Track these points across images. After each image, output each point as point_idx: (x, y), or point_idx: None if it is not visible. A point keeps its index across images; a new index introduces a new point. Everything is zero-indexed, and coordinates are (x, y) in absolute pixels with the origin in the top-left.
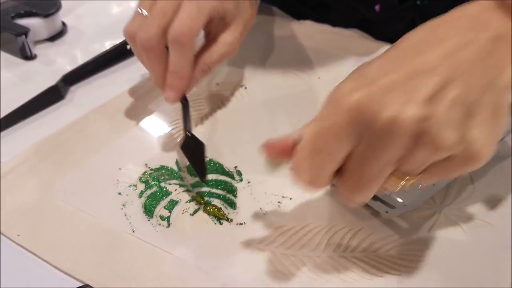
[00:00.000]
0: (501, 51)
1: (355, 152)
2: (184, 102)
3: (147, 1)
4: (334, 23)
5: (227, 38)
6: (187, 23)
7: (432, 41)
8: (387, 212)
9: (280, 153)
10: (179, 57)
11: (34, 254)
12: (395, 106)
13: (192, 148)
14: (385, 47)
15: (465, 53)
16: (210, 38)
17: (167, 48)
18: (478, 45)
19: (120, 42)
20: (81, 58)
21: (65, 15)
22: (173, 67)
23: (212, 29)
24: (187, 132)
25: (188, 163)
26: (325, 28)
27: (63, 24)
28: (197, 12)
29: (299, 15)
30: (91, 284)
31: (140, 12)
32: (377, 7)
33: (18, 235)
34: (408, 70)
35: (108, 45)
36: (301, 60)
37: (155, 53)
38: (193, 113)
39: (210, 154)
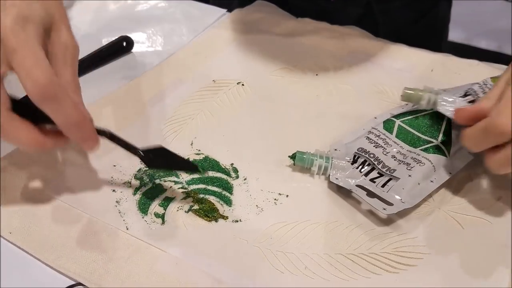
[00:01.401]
0: None
1: None
2: (107, 134)
3: None
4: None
5: (62, 39)
6: (39, 74)
7: None
8: (384, 209)
9: (468, 119)
10: (63, 110)
11: (26, 252)
12: None
13: (156, 158)
14: (385, 44)
15: None
16: (46, 52)
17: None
18: None
19: (116, 39)
20: None
21: None
22: (64, 124)
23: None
24: (139, 152)
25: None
26: (323, 25)
27: None
28: (34, 52)
29: None
30: (84, 283)
31: None
32: None
33: (10, 233)
34: None
35: (104, 42)
36: (298, 57)
37: (16, 123)
38: (190, 110)
39: (206, 151)
